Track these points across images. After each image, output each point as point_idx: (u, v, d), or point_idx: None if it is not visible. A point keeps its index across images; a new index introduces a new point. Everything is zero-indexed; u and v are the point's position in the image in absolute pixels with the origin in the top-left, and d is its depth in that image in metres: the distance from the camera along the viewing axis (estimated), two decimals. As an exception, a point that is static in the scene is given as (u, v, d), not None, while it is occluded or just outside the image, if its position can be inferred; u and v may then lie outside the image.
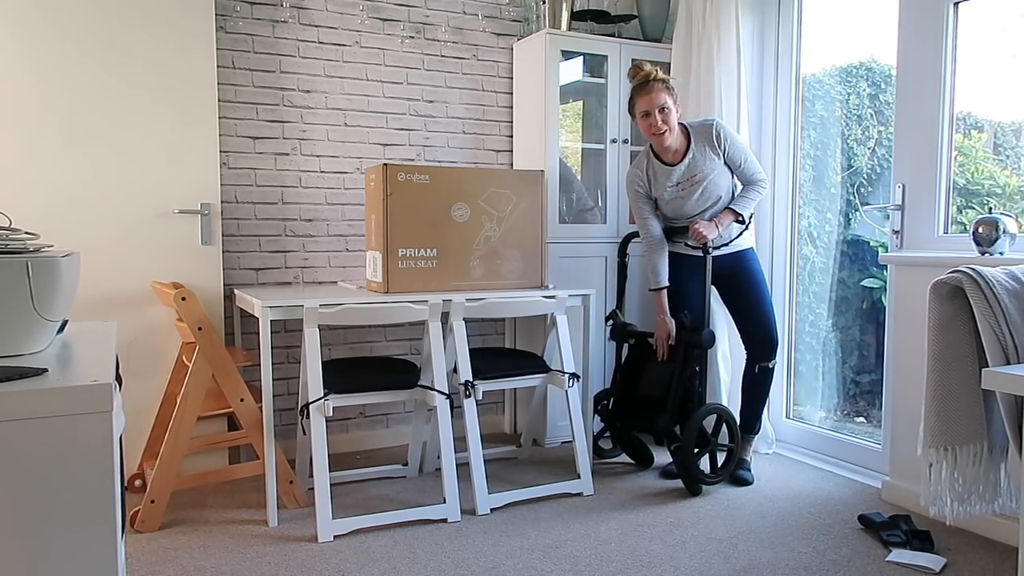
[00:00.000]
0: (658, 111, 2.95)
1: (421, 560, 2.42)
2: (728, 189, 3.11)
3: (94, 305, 2.98)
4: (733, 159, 3.06)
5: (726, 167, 3.08)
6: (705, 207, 3.10)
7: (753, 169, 3.08)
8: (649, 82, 2.97)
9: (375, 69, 3.56)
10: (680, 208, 3.12)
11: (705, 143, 3.05)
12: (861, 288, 3.46)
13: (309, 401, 2.62)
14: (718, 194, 3.08)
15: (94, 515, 1.13)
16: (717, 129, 3.04)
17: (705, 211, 3.11)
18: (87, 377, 1.16)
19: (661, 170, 3.10)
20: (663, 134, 2.97)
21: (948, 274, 2.08)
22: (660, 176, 3.10)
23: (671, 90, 2.99)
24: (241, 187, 3.35)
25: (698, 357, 3.06)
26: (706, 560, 2.43)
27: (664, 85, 2.97)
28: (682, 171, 3.06)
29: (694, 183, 3.05)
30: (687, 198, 3.08)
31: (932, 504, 2.11)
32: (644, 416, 3.11)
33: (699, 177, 3.05)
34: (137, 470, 3.05)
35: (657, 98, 2.95)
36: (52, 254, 1.34)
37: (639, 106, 2.99)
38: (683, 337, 3.07)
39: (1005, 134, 2.91)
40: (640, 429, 3.19)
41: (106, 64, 2.95)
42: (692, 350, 3.05)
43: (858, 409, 3.52)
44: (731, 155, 3.06)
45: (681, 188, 3.08)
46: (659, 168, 3.10)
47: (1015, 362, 1.94)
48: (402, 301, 2.78)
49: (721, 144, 3.04)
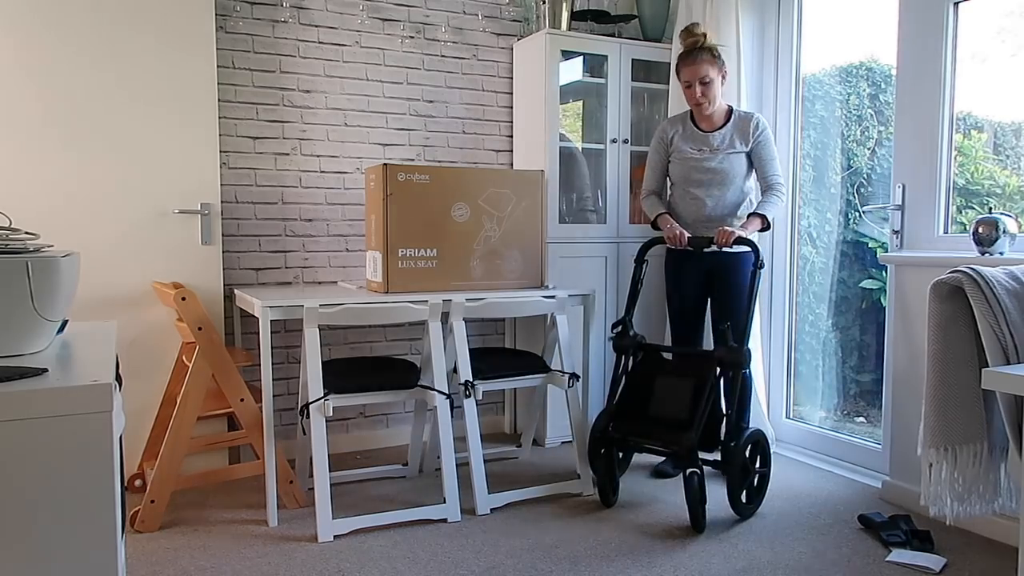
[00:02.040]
0: (699, 82, 2.97)
1: (421, 560, 2.42)
2: (741, 178, 3.07)
3: (94, 305, 2.98)
4: (759, 154, 3.05)
5: (747, 158, 3.07)
6: (711, 183, 3.07)
7: (774, 172, 3.06)
8: (694, 51, 2.97)
9: (375, 69, 3.56)
10: (688, 172, 3.10)
11: (740, 128, 3.06)
12: (861, 288, 3.46)
13: (309, 401, 2.62)
14: (731, 175, 3.06)
15: (94, 515, 1.13)
16: (756, 121, 3.05)
17: (709, 188, 3.07)
18: (87, 377, 1.16)
19: (692, 132, 3.12)
20: (701, 106, 3.01)
21: (948, 274, 2.08)
22: (688, 136, 3.12)
23: (716, 59, 2.98)
24: (241, 187, 3.35)
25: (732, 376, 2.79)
26: (706, 560, 2.43)
27: (710, 55, 2.97)
28: (709, 140, 3.07)
29: (714, 152, 3.06)
30: (699, 163, 3.07)
31: (932, 504, 2.10)
32: (660, 435, 2.76)
33: (720, 152, 3.05)
34: (137, 470, 3.05)
35: (699, 69, 2.96)
36: (52, 254, 1.34)
37: (682, 75, 3.01)
38: (719, 354, 2.76)
39: (1005, 134, 2.91)
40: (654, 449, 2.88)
41: (106, 64, 2.95)
42: (725, 368, 2.77)
43: (858, 409, 3.52)
44: (757, 149, 3.05)
45: (697, 149, 3.08)
46: (691, 130, 3.12)
47: (1015, 362, 1.94)
48: (402, 301, 2.78)
49: (753, 135, 3.04)
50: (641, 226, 3.81)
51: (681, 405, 2.80)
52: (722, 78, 3.03)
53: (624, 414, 2.89)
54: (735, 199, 3.08)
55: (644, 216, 3.89)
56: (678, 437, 2.69)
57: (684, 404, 2.79)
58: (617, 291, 3.75)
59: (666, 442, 2.74)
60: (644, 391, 2.91)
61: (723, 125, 3.08)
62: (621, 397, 2.93)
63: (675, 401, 2.82)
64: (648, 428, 2.81)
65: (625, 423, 2.86)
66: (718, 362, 2.76)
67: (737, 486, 2.71)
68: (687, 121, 3.14)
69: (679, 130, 3.14)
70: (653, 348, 2.98)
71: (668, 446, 2.74)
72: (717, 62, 2.98)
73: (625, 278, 3.76)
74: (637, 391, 2.93)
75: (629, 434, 2.82)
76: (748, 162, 3.08)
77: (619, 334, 2.98)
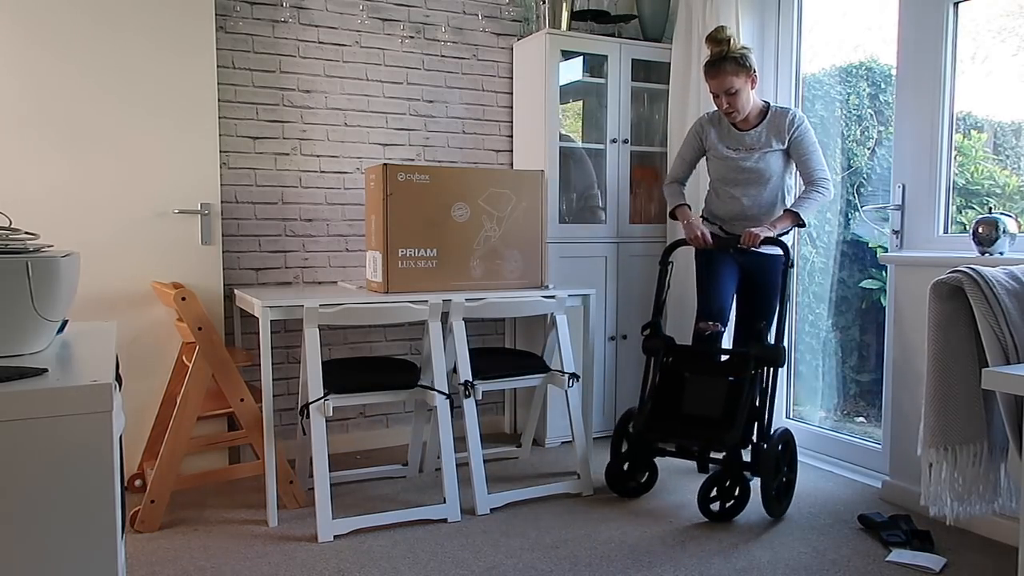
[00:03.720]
0: (725, 93, 2.91)
1: (421, 560, 2.42)
2: (779, 176, 3.03)
3: (94, 305, 2.98)
4: (797, 150, 2.97)
5: (785, 155, 3.01)
6: (748, 182, 3.02)
7: (816, 166, 2.96)
8: (719, 61, 2.89)
9: (375, 69, 3.56)
10: (725, 172, 3.07)
11: (776, 125, 2.99)
12: (861, 288, 3.46)
13: (309, 401, 2.62)
14: (768, 174, 3.00)
15: (94, 515, 1.13)
16: (792, 116, 2.98)
17: (747, 187, 3.03)
18: (87, 377, 1.16)
19: (728, 129, 3.06)
20: (730, 115, 2.97)
21: (948, 274, 2.08)
22: (725, 133, 3.07)
23: (744, 67, 2.89)
24: (241, 187, 3.35)
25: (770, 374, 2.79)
26: (706, 560, 2.43)
27: (736, 65, 2.88)
28: (744, 140, 3.02)
29: (750, 152, 3.00)
30: (735, 164, 3.03)
31: (932, 504, 2.11)
32: (697, 434, 2.78)
33: (756, 151, 3.00)
34: (137, 470, 3.05)
35: (724, 82, 2.89)
36: (52, 254, 1.34)
37: (709, 84, 2.95)
38: (755, 352, 2.75)
39: (1005, 134, 2.91)
40: (690, 451, 2.98)
41: (106, 64, 2.95)
42: (762, 365, 2.76)
43: (858, 409, 3.52)
44: (795, 145, 2.97)
45: (734, 150, 3.03)
46: (727, 129, 3.06)
47: (1015, 362, 1.94)
48: (402, 301, 2.78)
49: (790, 131, 2.96)
50: (641, 226, 3.81)
51: (716, 404, 2.77)
52: (751, 83, 2.94)
53: (658, 415, 2.86)
54: (773, 197, 3.04)
55: (644, 215, 3.90)
56: (720, 436, 2.68)
57: (719, 403, 2.76)
58: (617, 291, 3.75)
59: (707, 441, 2.74)
60: (677, 392, 2.87)
61: (759, 123, 3.01)
62: (654, 398, 2.88)
63: (710, 401, 2.78)
64: (686, 428, 2.80)
65: (661, 423, 2.83)
66: (756, 360, 2.73)
67: (770, 486, 2.71)
68: (723, 119, 3.08)
69: (715, 128, 3.09)
70: (684, 349, 2.94)
71: (709, 446, 2.73)
72: (743, 70, 2.89)
73: (625, 278, 3.76)
74: (670, 392, 2.88)
75: (668, 435, 2.82)
76: (786, 159, 3.03)
77: (648, 336, 2.95)
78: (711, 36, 2.92)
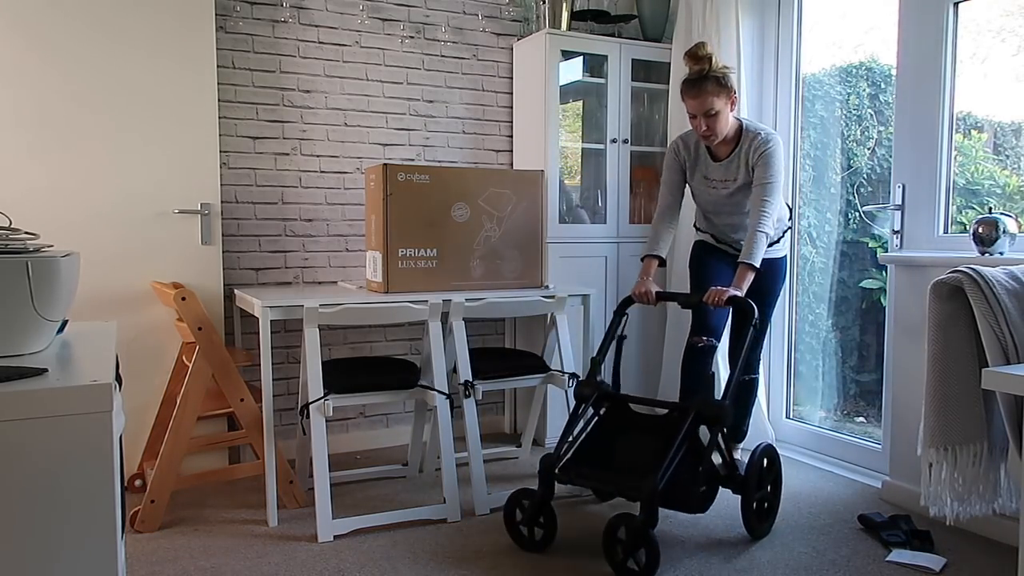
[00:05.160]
0: (704, 115, 2.70)
1: (421, 560, 2.42)
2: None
3: (94, 305, 2.98)
4: (756, 175, 2.73)
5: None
6: (733, 212, 2.89)
7: (764, 195, 2.70)
8: (700, 81, 2.68)
9: (375, 69, 3.56)
10: (705, 203, 2.93)
11: (747, 154, 2.77)
12: (861, 288, 3.46)
13: (309, 401, 2.62)
14: (748, 202, 2.81)
15: (94, 515, 1.13)
16: (761, 140, 2.74)
17: (732, 216, 2.89)
18: (87, 377, 1.16)
19: (704, 158, 2.87)
20: (707, 138, 2.76)
21: (948, 274, 2.08)
22: (700, 163, 2.88)
23: (725, 87, 2.69)
24: (241, 187, 3.35)
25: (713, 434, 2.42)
26: (706, 560, 2.43)
27: (717, 84, 2.67)
28: (720, 170, 2.84)
29: (725, 185, 2.83)
30: (716, 196, 2.88)
31: (932, 504, 2.11)
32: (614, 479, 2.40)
33: (731, 183, 2.82)
34: (137, 470, 3.05)
35: (704, 103, 2.67)
36: (52, 254, 1.34)
37: (686, 105, 2.74)
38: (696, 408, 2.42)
39: (1005, 134, 2.91)
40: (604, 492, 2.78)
41: (106, 64, 2.95)
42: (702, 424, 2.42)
43: (858, 409, 3.52)
44: (757, 170, 2.73)
45: (711, 184, 2.87)
46: (703, 158, 2.87)
47: (1015, 362, 1.94)
48: (402, 301, 2.78)
49: (755, 154, 2.73)
50: (641, 226, 3.81)
51: (644, 457, 2.44)
52: (731, 104, 2.73)
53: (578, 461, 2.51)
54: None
55: (644, 215, 3.90)
56: (636, 483, 2.29)
57: (647, 457, 2.43)
58: (617, 291, 3.75)
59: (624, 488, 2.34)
60: (605, 445, 2.55)
61: (733, 149, 2.80)
62: (578, 446, 2.55)
63: (639, 456, 2.46)
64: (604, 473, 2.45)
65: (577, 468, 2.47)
66: (696, 417, 2.41)
67: (751, 503, 2.54)
68: (699, 147, 2.88)
69: (691, 156, 2.90)
70: (621, 400, 2.64)
71: (626, 492, 2.34)
72: (724, 90, 2.69)
73: (625, 278, 3.77)
74: (597, 443, 2.56)
75: (582, 478, 2.45)
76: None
77: (581, 382, 2.66)
78: (691, 53, 2.71)
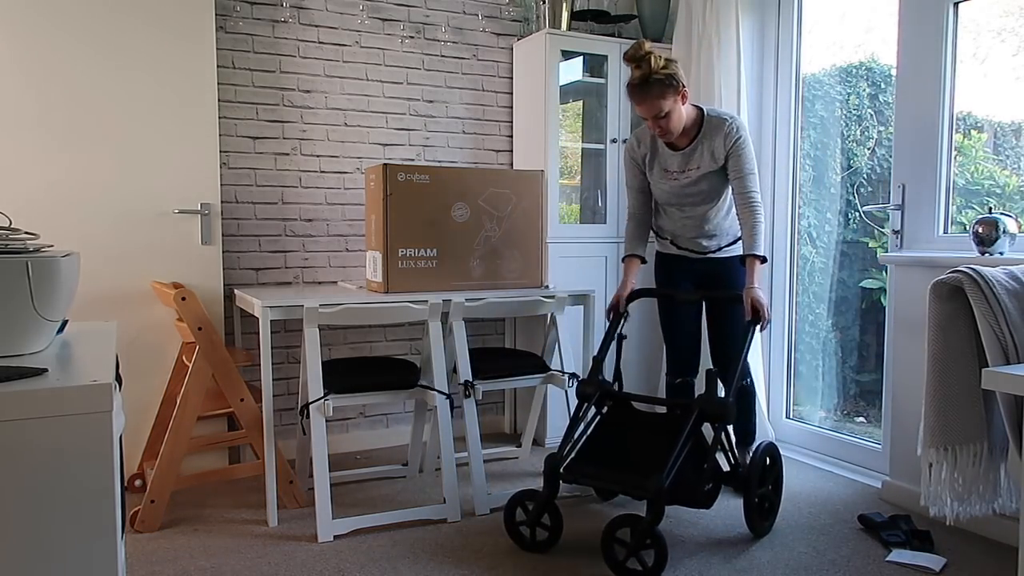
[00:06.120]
0: (654, 118, 2.64)
1: (421, 560, 2.42)
2: (724, 195, 2.84)
3: (94, 305, 2.98)
4: (732, 166, 2.72)
5: (723, 171, 2.77)
6: (695, 203, 2.83)
7: (749, 187, 2.71)
8: (642, 86, 2.59)
9: (375, 69, 3.56)
10: (667, 196, 2.85)
11: (713, 139, 2.72)
12: (861, 288, 3.46)
13: (309, 401, 2.62)
14: (712, 194, 2.80)
15: (94, 515, 1.13)
16: (729, 128, 2.70)
17: (695, 207, 2.83)
18: (87, 377, 1.16)
19: (662, 149, 2.81)
20: (664, 136, 2.72)
21: (948, 274, 2.08)
22: (659, 156, 2.83)
23: (672, 86, 2.59)
24: (241, 187, 3.35)
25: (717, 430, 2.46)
26: (706, 560, 2.43)
27: (662, 86, 2.57)
28: (680, 159, 2.78)
29: (687, 174, 2.77)
30: (675, 187, 2.81)
31: (932, 504, 2.11)
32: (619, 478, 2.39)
33: (693, 171, 2.76)
34: (137, 470, 3.05)
35: (652, 107, 2.61)
36: (52, 254, 1.34)
37: (636, 109, 2.67)
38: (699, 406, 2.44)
39: (1005, 134, 2.91)
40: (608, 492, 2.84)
41: (106, 64, 2.95)
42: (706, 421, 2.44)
43: (858, 409, 3.52)
44: (732, 161, 2.72)
45: (671, 176, 2.80)
46: (661, 150, 2.82)
47: (1015, 362, 1.94)
48: (402, 301, 2.78)
49: (727, 145, 2.71)
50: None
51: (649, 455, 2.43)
52: (682, 99, 2.65)
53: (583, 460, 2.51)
54: (727, 208, 2.89)
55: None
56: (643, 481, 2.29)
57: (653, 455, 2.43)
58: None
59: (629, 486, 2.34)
60: (610, 444, 2.55)
61: (695, 137, 2.75)
62: (582, 446, 2.55)
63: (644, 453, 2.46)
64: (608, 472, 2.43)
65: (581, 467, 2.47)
66: (700, 415, 2.42)
67: (752, 502, 2.54)
68: (656, 139, 2.82)
69: (648, 150, 2.85)
70: (624, 399, 2.64)
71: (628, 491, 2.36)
72: (671, 90, 2.59)
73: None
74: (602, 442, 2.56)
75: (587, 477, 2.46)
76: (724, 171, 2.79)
77: (583, 381, 2.66)
78: (628, 55, 2.61)
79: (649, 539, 2.24)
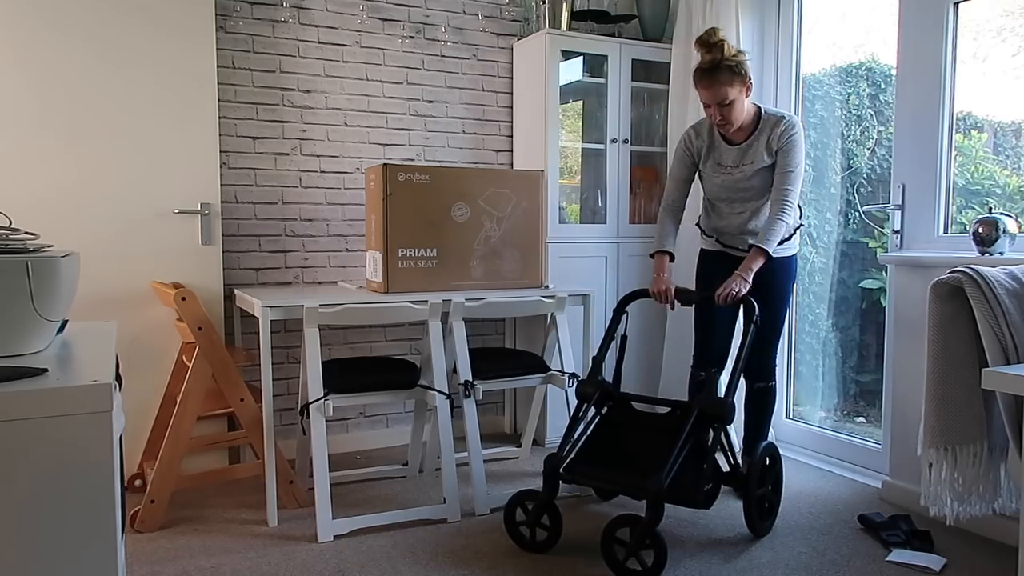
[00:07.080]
0: (719, 105, 2.62)
1: (421, 560, 2.42)
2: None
3: (94, 305, 2.98)
4: (780, 160, 2.69)
5: (775, 167, 2.73)
6: (745, 199, 2.80)
7: (788, 185, 2.67)
8: (712, 70, 2.59)
9: (375, 69, 3.56)
10: (719, 190, 2.84)
11: (768, 137, 2.71)
12: (861, 288, 3.46)
13: (309, 401, 2.62)
14: (762, 191, 2.77)
15: (94, 515, 1.13)
16: (786, 124, 2.68)
17: (745, 203, 2.81)
18: (87, 377, 1.16)
19: (719, 146, 2.80)
20: (724, 127, 2.70)
21: (948, 274, 2.08)
22: (715, 149, 2.81)
23: (739, 75, 2.60)
24: (241, 187, 3.35)
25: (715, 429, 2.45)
26: (706, 560, 2.43)
27: (731, 73, 2.58)
28: (735, 154, 2.76)
29: (741, 169, 2.76)
30: (727, 182, 2.80)
31: (932, 504, 2.11)
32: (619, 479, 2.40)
33: (747, 166, 2.75)
34: (137, 470, 3.05)
35: (718, 93, 2.60)
36: (52, 254, 1.34)
37: (700, 95, 2.67)
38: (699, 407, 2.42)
39: (1005, 134, 2.91)
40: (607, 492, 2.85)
41: (106, 64, 2.95)
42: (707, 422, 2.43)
43: (858, 409, 3.52)
44: (780, 156, 2.69)
45: (724, 170, 2.79)
46: (718, 144, 2.80)
47: (1015, 362, 1.94)
48: (402, 301, 2.78)
49: (780, 140, 2.68)
50: (641, 226, 3.81)
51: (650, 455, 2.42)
52: (747, 91, 2.65)
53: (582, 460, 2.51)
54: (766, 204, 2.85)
55: (644, 215, 3.90)
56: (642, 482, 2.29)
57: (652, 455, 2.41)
58: (617, 291, 3.75)
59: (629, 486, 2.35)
60: (609, 444, 2.55)
61: (752, 133, 2.74)
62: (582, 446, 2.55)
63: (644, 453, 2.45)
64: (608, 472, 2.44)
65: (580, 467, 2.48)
66: (700, 416, 2.41)
67: (752, 502, 2.54)
68: (714, 133, 2.81)
69: (705, 143, 2.83)
70: (623, 399, 2.64)
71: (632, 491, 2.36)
72: (739, 78, 2.60)
73: (625, 278, 3.77)
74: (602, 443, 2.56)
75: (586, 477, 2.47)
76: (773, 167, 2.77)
77: (582, 381, 2.66)
78: (701, 40, 2.63)
79: (649, 539, 2.24)
